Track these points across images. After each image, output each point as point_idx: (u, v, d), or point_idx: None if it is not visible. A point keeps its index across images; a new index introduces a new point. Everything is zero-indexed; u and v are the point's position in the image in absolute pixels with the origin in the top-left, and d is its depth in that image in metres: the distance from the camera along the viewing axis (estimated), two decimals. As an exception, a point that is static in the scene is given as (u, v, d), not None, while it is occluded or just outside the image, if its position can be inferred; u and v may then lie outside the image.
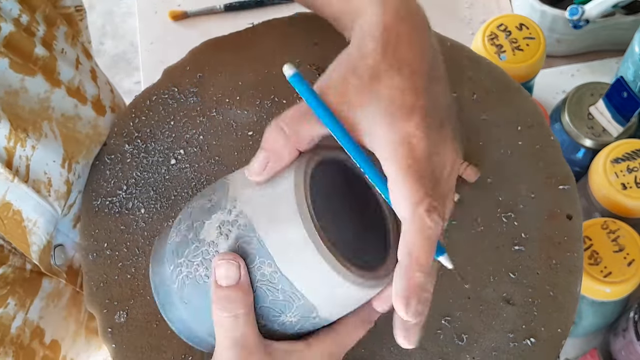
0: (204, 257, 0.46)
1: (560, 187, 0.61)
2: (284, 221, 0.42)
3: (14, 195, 0.58)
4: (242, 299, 0.44)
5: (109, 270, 0.62)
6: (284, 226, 0.42)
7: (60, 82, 0.63)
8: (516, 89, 0.66)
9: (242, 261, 0.44)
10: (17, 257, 0.62)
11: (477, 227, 0.60)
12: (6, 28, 0.58)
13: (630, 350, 0.81)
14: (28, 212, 0.60)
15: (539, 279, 0.58)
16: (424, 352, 0.56)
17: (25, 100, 0.59)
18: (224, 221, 0.45)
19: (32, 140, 0.59)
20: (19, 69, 0.59)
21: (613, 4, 0.95)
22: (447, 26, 1.13)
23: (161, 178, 0.66)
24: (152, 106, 0.70)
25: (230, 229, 0.45)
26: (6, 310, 0.60)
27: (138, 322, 0.60)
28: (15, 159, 0.58)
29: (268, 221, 0.43)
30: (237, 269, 0.43)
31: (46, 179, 0.61)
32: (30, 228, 0.60)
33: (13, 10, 0.59)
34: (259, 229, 0.43)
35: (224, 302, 0.44)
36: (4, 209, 0.58)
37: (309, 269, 0.42)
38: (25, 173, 0.59)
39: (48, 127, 0.61)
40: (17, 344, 0.61)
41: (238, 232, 0.44)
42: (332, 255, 0.42)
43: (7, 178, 0.57)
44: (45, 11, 0.63)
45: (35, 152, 0.59)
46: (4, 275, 0.60)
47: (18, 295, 0.61)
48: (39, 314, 0.64)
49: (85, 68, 0.68)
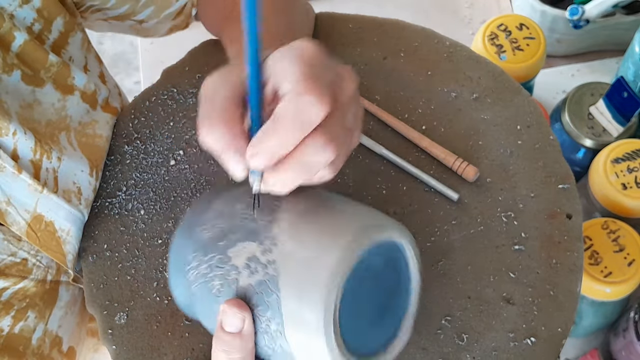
0: (224, 275, 0.46)
1: (560, 187, 0.61)
2: (309, 301, 0.42)
3: (44, 207, 0.59)
4: (240, 346, 0.45)
5: (109, 271, 0.62)
6: (307, 305, 0.42)
7: (74, 87, 0.63)
8: (516, 89, 0.66)
9: (248, 315, 0.44)
10: (40, 270, 0.62)
11: (477, 226, 0.60)
12: (20, 38, 0.58)
13: (630, 350, 0.81)
14: (60, 222, 0.60)
15: (539, 278, 0.58)
16: (424, 352, 0.56)
17: (40, 114, 0.60)
18: (255, 257, 0.44)
19: (57, 152, 0.59)
20: (29, 81, 0.59)
21: (613, 4, 0.95)
22: (447, 26, 1.13)
23: (161, 179, 0.66)
24: (152, 107, 0.70)
25: (258, 270, 0.44)
26: (26, 323, 0.60)
27: (138, 323, 0.60)
28: (42, 172, 0.58)
29: (294, 289, 0.43)
30: (241, 322, 0.44)
31: (76, 188, 0.61)
32: (64, 238, 0.61)
33: (27, 18, 0.59)
34: (283, 289, 0.43)
35: (225, 345, 0.45)
36: (37, 222, 0.58)
37: (311, 350, 0.43)
38: (53, 184, 0.59)
39: (66, 140, 0.61)
40: (38, 355, 0.61)
41: (263, 277, 0.44)
42: (337, 349, 0.43)
43: (36, 189, 0.58)
44: (66, 18, 0.63)
45: (61, 164, 0.60)
46: (23, 289, 0.60)
47: (38, 308, 0.61)
48: (58, 323, 0.64)
49: (94, 73, 0.68)
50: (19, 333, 0.59)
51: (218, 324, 0.45)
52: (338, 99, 0.43)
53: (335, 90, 0.43)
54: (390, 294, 0.48)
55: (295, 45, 0.43)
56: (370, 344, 0.47)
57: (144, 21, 0.71)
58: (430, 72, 0.68)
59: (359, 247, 0.43)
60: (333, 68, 0.44)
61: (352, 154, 0.63)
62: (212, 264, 0.46)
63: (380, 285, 0.47)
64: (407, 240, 0.47)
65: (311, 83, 0.40)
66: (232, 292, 0.45)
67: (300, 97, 0.40)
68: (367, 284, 0.45)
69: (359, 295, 0.45)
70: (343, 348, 0.43)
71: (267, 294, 0.44)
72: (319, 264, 0.42)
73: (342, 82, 0.44)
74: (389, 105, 0.67)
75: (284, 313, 0.43)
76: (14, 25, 0.57)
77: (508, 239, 0.60)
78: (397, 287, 0.48)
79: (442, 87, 0.67)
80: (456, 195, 0.61)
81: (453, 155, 0.62)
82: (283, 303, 0.43)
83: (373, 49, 0.70)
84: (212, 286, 0.46)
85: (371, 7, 1.11)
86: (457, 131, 0.65)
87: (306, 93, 0.40)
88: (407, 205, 0.62)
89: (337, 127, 0.42)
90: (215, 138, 0.43)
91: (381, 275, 0.46)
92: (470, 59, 0.68)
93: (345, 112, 0.43)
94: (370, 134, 0.65)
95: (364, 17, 0.72)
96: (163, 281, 0.61)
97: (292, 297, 0.43)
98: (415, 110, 0.66)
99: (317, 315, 0.42)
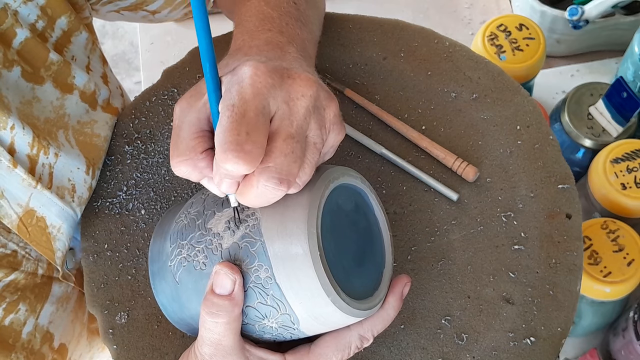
0: (206, 245, 0.47)
1: (559, 186, 0.61)
2: (291, 235, 0.44)
3: (37, 202, 0.59)
4: (228, 308, 0.45)
5: (110, 271, 0.62)
6: (290, 239, 0.44)
7: (73, 87, 0.63)
8: (515, 89, 0.66)
9: (239, 277, 0.45)
10: (30, 263, 0.62)
11: (476, 226, 0.61)
12: (22, 34, 0.58)
13: (629, 350, 0.81)
14: (52, 219, 0.60)
15: (539, 278, 0.58)
16: (424, 351, 0.56)
17: (39, 111, 0.60)
18: (234, 217, 0.47)
19: (54, 148, 0.60)
20: (29, 77, 0.59)
21: (613, 4, 0.95)
22: (447, 26, 1.13)
23: (161, 179, 0.66)
24: (152, 107, 0.70)
25: (239, 227, 0.46)
26: (17, 316, 0.60)
27: (139, 322, 0.60)
28: (38, 167, 0.59)
29: (276, 229, 0.45)
30: (232, 284, 0.45)
31: (70, 185, 0.62)
32: (55, 234, 0.61)
33: (31, 15, 0.60)
34: (266, 234, 0.45)
35: (213, 307, 0.45)
36: (28, 216, 0.59)
37: (302, 285, 0.44)
38: (48, 180, 0.60)
39: (63, 137, 0.62)
40: (28, 349, 0.61)
41: (245, 231, 0.46)
42: (327, 278, 0.44)
43: (30, 184, 0.58)
44: (70, 17, 0.63)
45: (58, 160, 0.60)
46: (15, 281, 0.60)
47: (29, 301, 0.61)
48: (49, 319, 0.64)
49: (97, 73, 0.69)
50: (9, 325, 0.60)
51: (209, 286, 0.46)
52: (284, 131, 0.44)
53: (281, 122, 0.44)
54: (366, 240, 0.50)
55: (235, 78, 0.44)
56: (358, 286, 0.48)
57: (156, 12, 0.71)
58: (430, 72, 0.68)
59: (329, 182, 0.46)
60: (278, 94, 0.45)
61: (351, 153, 0.64)
62: (192, 242, 0.48)
63: (355, 228, 0.49)
64: (369, 189, 0.51)
65: (230, 149, 0.42)
66: (217, 258, 0.47)
67: (221, 162, 0.42)
68: (342, 222, 0.48)
69: (338, 233, 0.47)
70: (333, 280, 0.44)
71: (251, 244, 0.45)
72: (295, 202, 0.45)
73: (290, 103, 0.45)
74: (388, 105, 0.67)
75: (271, 255, 0.44)
76: (16, 22, 0.58)
77: (508, 239, 0.60)
78: (371, 234, 0.51)
79: (441, 87, 0.67)
80: (456, 195, 0.61)
81: (453, 155, 0.62)
82: (268, 246, 0.44)
83: (373, 49, 0.70)
84: (196, 263, 0.48)
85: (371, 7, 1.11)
86: (456, 131, 0.65)
87: (225, 160, 0.42)
88: (407, 205, 0.62)
89: (285, 163, 0.43)
90: (186, 171, 0.46)
91: (352, 217, 0.49)
92: (469, 59, 0.68)
93: (298, 138, 0.44)
94: (370, 134, 0.66)
95: (364, 17, 0.72)
96: (163, 281, 0.61)
97: (276, 238, 0.44)
98: (415, 110, 0.66)
99: (302, 245, 0.43)
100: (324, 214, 0.45)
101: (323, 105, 0.46)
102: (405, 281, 0.51)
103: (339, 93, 0.68)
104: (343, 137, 0.49)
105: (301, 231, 0.44)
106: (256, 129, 0.42)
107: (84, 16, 0.67)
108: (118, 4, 0.69)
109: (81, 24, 0.65)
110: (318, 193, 0.45)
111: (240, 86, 0.43)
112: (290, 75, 0.46)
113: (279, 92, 0.45)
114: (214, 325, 0.46)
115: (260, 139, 0.42)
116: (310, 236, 0.43)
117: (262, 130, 0.43)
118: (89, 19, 0.69)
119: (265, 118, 0.43)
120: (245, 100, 0.43)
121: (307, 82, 0.46)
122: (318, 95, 0.46)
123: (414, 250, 0.60)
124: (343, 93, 0.68)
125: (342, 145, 0.65)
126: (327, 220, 0.46)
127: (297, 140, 0.44)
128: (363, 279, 0.49)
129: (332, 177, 0.47)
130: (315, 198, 0.45)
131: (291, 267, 0.44)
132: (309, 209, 0.44)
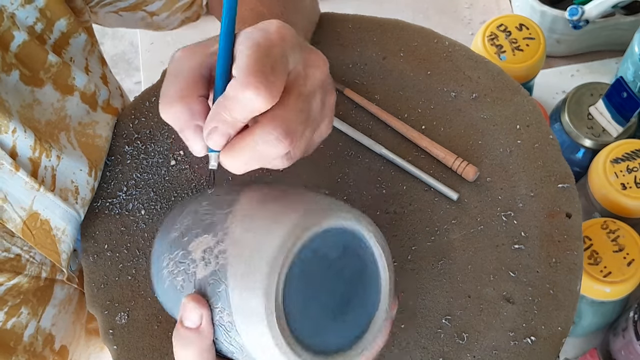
0: (185, 269, 0.46)
1: (559, 186, 0.61)
2: (252, 288, 0.41)
3: (41, 205, 0.59)
4: (197, 341, 0.44)
5: (110, 271, 0.62)
6: (249, 292, 0.41)
7: (73, 88, 0.63)
8: (515, 88, 0.66)
9: (206, 311, 0.44)
10: (34, 266, 0.62)
11: (476, 225, 0.61)
12: (20, 37, 0.58)
13: (629, 350, 0.81)
14: (56, 221, 0.60)
15: (539, 277, 0.58)
16: (424, 351, 0.56)
17: (40, 113, 0.60)
18: (209, 248, 0.45)
19: (56, 150, 0.60)
20: (27, 81, 0.59)
21: (613, 4, 0.95)
22: (447, 26, 1.13)
23: (161, 179, 0.66)
24: (152, 107, 0.70)
25: (210, 261, 0.44)
26: (19, 319, 0.60)
27: (139, 323, 0.60)
28: (40, 170, 0.59)
29: (240, 278, 0.42)
30: (198, 318, 0.44)
31: (73, 187, 0.61)
32: (60, 237, 0.61)
33: (29, 18, 0.59)
34: (230, 280, 0.43)
35: (182, 339, 0.44)
36: (32, 220, 0.58)
37: (260, 339, 0.42)
38: (51, 182, 0.60)
39: (65, 139, 0.62)
40: (29, 352, 0.61)
41: (215, 267, 0.44)
42: (282, 338, 0.41)
43: (33, 187, 0.58)
44: (70, 19, 0.63)
45: (60, 162, 0.60)
46: (18, 285, 0.60)
47: (31, 304, 0.61)
48: (52, 322, 0.64)
49: (96, 74, 0.68)
50: (11, 329, 0.59)
51: (179, 318, 0.45)
52: (297, 89, 0.43)
53: (295, 79, 0.43)
54: (354, 286, 0.45)
55: (260, 27, 0.43)
56: (333, 340, 0.45)
57: (154, 14, 0.71)
58: (430, 72, 0.68)
59: (303, 231, 0.42)
60: (298, 54, 0.43)
61: (351, 153, 0.64)
62: (176, 260, 0.46)
63: (340, 275, 0.45)
64: (367, 228, 0.45)
65: (255, 75, 0.40)
66: (192, 287, 0.45)
67: (240, 89, 0.40)
68: (320, 272, 0.44)
69: (312, 284, 0.43)
70: (290, 337, 0.42)
71: (217, 285, 0.43)
72: (261, 250, 0.42)
73: (306, 69, 0.44)
74: (388, 105, 0.67)
75: (232, 304, 0.42)
76: (13, 25, 0.57)
77: (508, 238, 0.60)
78: (362, 279, 0.46)
79: (441, 87, 0.67)
80: (456, 195, 0.61)
81: (453, 155, 0.62)
82: (230, 293, 0.42)
83: (372, 49, 0.70)
84: (176, 282, 0.46)
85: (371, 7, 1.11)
86: (456, 131, 0.65)
87: (246, 86, 0.40)
88: (407, 204, 0.62)
89: (293, 119, 0.42)
90: (174, 116, 0.43)
91: (338, 264, 0.44)
92: (469, 59, 0.68)
93: (307, 102, 0.43)
94: (370, 133, 0.66)
95: (364, 17, 0.72)
96: (163, 281, 0.61)
97: (237, 287, 0.42)
98: (414, 109, 0.66)
99: (258, 302, 0.41)
100: (295, 265, 0.42)
101: (329, 89, 0.46)
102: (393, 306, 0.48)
103: (338, 93, 0.68)
104: (329, 132, 0.48)
105: (258, 288, 0.41)
106: (279, 68, 0.41)
107: (83, 20, 0.67)
108: (117, 4, 0.69)
109: (80, 27, 0.65)
110: (288, 242, 0.41)
111: (265, 31, 0.42)
112: (307, 46, 0.45)
113: (299, 53, 0.43)
114: (186, 356, 0.45)
115: (281, 79, 0.41)
116: (267, 295, 0.41)
117: (283, 74, 0.41)
118: (88, 23, 0.69)
119: (286, 66, 0.42)
120: (272, 40, 0.41)
121: (322, 57, 0.45)
122: (328, 75, 0.45)
123: (414, 250, 0.60)
124: (343, 93, 0.68)
125: (342, 145, 0.65)
126: (297, 271, 0.42)
127: (307, 103, 0.43)
128: (342, 330, 0.45)
129: (310, 223, 0.42)
130: (283, 249, 0.41)
131: (249, 321, 0.42)
132: (272, 262, 0.41)
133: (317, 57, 0.45)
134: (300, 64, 0.44)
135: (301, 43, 0.44)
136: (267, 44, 0.42)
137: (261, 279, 0.41)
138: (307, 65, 0.44)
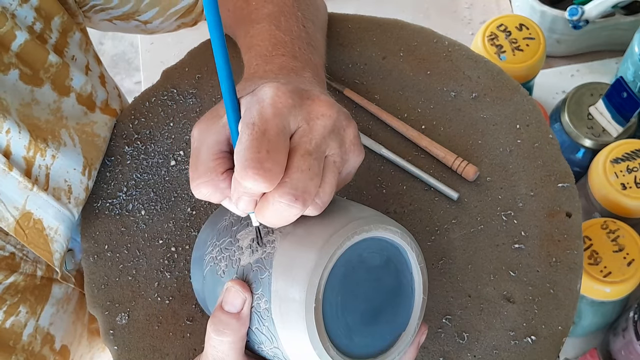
0: (230, 255, 0.47)
1: (559, 185, 0.61)
2: (294, 278, 0.43)
3: (33, 204, 0.59)
4: (235, 327, 0.45)
5: (110, 272, 0.62)
6: (292, 282, 0.43)
7: (70, 89, 0.63)
8: (514, 88, 0.66)
9: (249, 296, 0.45)
10: (28, 264, 0.62)
11: (477, 225, 0.61)
12: (21, 37, 0.58)
13: (629, 350, 0.81)
14: (49, 221, 0.60)
15: (539, 276, 0.58)
16: (425, 350, 0.56)
17: (38, 113, 0.60)
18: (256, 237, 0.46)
19: (52, 149, 0.60)
20: (27, 80, 0.59)
21: (613, 4, 0.95)
22: (447, 26, 1.13)
23: (161, 179, 0.66)
24: (152, 108, 0.70)
25: (258, 249, 0.46)
26: (17, 318, 0.60)
27: (140, 323, 0.60)
28: (34, 169, 0.59)
29: (284, 267, 0.44)
30: (241, 302, 0.45)
31: (66, 186, 0.62)
32: (52, 236, 0.61)
33: (28, 17, 0.60)
34: (275, 268, 0.44)
35: (219, 324, 0.45)
36: (25, 219, 0.59)
37: (293, 330, 0.43)
38: (44, 182, 0.60)
39: (67, 134, 0.62)
40: (28, 351, 0.61)
41: (261, 256, 0.45)
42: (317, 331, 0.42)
43: (26, 187, 0.58)
44: (63, 17, 0.63)
45: (55, 161, 0.60)
46: (14, 284, 0.60)
47: (29, 303, 0.61)
48: (50, 320, 0.64)
49: (95, 74, 0.69)
50: (10, 328, 0.60)
51: (218, 302, 0.45)
52: (303, 147, 0.43)
53: (300, 138, 0.44)
54: (388, 299, 0.46)
55: (257, 97, 0.44)
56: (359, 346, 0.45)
57: (148, 22, 0.71)
58: (430, 72, 0.68)
59: (353, 233, 0.43)
60: (298, 113, 0.44)
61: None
62: (222, 247, 0.48)
63: (378, 285, 0.46)
64: (411, 246, 0.46)
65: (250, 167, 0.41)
66: (234, 272, 0.46)
67: (241, 179, 0.42)
68: (361, 276, 0.45)
69: (351, 286, 0.45)
70: (323, 331, 0.43)
71: (261, 272, 0.44)
72: (310, 243, 0.43)
73: (310, 122, 0.45)
74: (388, 104, 0.67)
75: (272, 290, 0.43)
76: (15, 25, 0.58)
77: (508, 238, 0.60)
78: (397, 294, 0.47)
79: (441, 87, 0.67)
80: (456, 195, 0.61)
81: (453, 155, 0.62)
82: (273, 281, 0.43)
83: (372, 48, 0.70)
84: (218, 268, 0.48)
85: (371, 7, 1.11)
86: (456, 130, 0.65)
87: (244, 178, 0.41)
88: (407, 204, 0.62)
89: (301, 178, 0.43)
90: (206, 197, 0.45)
91: (378, 273, 0.46)
92: (469, 59, 0.68)
93: (317, 155, 0.44)
94: (370, 133, 0.66)
95: (363, 17, 0.72)
96: (164, 281, 0.61)
97: (281, 275, 0.43)
98: (414, 109, 0.66)
99: (300, 293, 0.42)
100: (339, 265, 0.43)
101: (343, 126, 0.46)
102: (423, 330, 0.49)
103: (338, 93, 0.68)
104: (362, 159, 0.48)
105: (302, 278, 0.42)
106: (276, 148, 0.42)
107: (77, 21, 0.67)
108: (110, 12, 0.69)
109: (74, 24, 0.65)
110: (336, 242, 0.43)
111: (260, 105, 0.43)
112: (310, 96, 0.46)
113: (299, 111, 0.44)
114: (219, 343, 0.45)
115: (280, 157, 0.42)
116: (310, 286, 0.42)
117: (282, 149, 0.42)
118: (82, 25, 0.69)
119: (286, 137, 0.43)
120: (266, 119, 0.43)
121: (326, 104, 0.45)
122: (338, 116, 0.46)
123: (414, 250, 0.60)
124: (342, 93, 0.68)
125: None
126: (341, 272, 0.44)
127: (315, 157, 0.43)
128: (371, 338, 0.46)
129: (359, 229, 0.44)
130: (331, 247, 0.43)
131: (286, 310, 0.43)
132: (318, 258, 0.42)
133: (320, 105, 0.45)
134: (304, 120, 0.44)
135: (302, 96, 0.45)
136: (262, 125, 0.43)
137: (307, 270, 0.42)
138: (310, 118, 0.45)
